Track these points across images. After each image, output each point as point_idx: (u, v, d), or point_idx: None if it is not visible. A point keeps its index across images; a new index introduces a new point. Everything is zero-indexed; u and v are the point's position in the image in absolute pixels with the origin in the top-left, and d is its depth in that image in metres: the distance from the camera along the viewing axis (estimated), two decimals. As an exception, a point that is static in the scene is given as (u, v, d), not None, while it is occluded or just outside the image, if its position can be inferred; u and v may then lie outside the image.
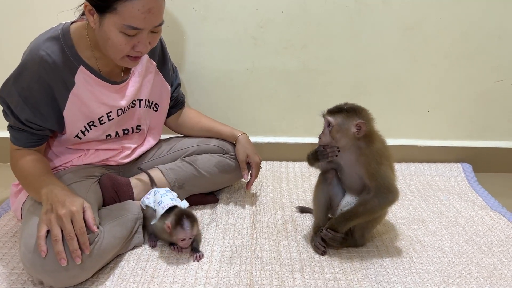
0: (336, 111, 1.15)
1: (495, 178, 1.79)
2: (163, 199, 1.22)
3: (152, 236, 1.26)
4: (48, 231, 1.01)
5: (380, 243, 1.29)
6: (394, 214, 1.46)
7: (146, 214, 1.27)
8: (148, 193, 1.28)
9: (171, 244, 1.23)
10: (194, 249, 1.21)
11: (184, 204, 1.24)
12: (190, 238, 1.18)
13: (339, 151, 1.17)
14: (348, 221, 1.18)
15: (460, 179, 1.73)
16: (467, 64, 1.71)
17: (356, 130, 1.13)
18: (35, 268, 1.01)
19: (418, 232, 1.35)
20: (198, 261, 1.18)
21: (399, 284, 1.11)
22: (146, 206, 1.26)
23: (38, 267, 1.00)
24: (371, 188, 1.15)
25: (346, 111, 1.14)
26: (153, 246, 1.24)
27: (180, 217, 1.15)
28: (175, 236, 1.16)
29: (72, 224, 1.01)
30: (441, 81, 1.74)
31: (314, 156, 1.22)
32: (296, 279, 1.12)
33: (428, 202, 1.55)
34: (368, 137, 1.15)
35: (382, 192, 1.14)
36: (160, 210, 1.19)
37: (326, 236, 1.20)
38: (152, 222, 1.23)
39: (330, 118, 1.15)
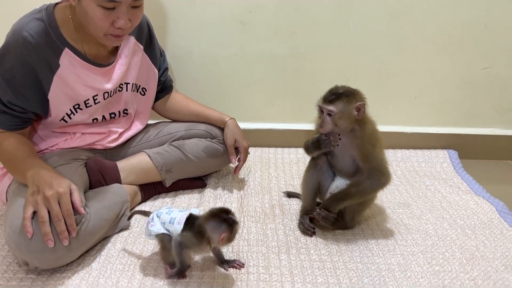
0: (334, 98, 1.13)
1: (480, 164, 1.81)
2: (172, 215, 1.03)
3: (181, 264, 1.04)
4: (34, 213, 1.01)
5: (366, 226, 1.31)
6: (380, 198, 1.47)
7: (165, 244, 1.04)
8: (150, 220, 1.06)
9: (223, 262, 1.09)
10: (224, 262, 1.09)
11: (195, 211, 1.07)
12: None
13: (340, 139, 1.18)
14: (340, 201, 1.19)
15: (446, 165, 1.75)
16: (453, 51, 1.72)
17: (356, 113, 1.14)
18: (20, 249, 1.00)
19: (403, 216, 1.37)
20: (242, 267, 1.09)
21: (383, 265, 1.13)
22: (157, 235, 1.04)
23: (23, 248, 1.00)
24: (364, 170, 1.17)
25: (346, 96, 1.13)
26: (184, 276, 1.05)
27: (227, 219, 0.98)
28: (232, 239, 1.00)
29: (59, 205, 1.01)
30: (428, 68, 1.75)
31: (316, 145, 1.20)
32: (282, 260, 1.13)
33: (414, 187, 1.57)
34: (361, 119, 1.16)
35: (375, 174, 1.16)
36: (178, 227, 1.01)
37: (319, 216, 1.21)
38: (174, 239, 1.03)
39: (331, 107, 1.13)
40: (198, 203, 1.41)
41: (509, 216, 1.38)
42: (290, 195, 1.48)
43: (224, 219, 0.98)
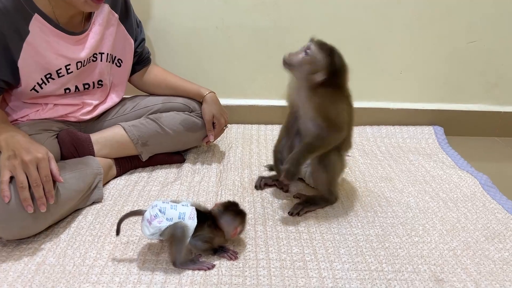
0: (317, 43, 1.10)
1: (467, 141, 1.78)
2: (180, 210, 0.96)
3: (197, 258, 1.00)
4: (12, 177, 0.97)
5: (346, 199, 1.28)
6: (362, 173, 1.45)
7: (176, 235, 0.94)
8: (151, 218, 0.94)
9: (215, 250, 1.02)
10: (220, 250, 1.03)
11: (190, 203, 1.01)
12: None
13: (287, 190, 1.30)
14: (302, 157, 1.12)
15: (431, 141, 1.72)
16: (439, 24, 1.68)
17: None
18: (-17, 218, 0.96)
19: (385, 189, 1.34)
20: (235, 258, 1.01)
21: (361, 236, 1.10)
22: (167, 228, 0.94)
23: (-15, 217, 0.96)
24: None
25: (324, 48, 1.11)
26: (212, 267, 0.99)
27: (238, 212, 1.01)
28: (240, 231, 1.02)
29: (37, 171, 0.97)
30: (413, 42, 1.71)
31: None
32: (258, 231, 1.11)
33: (397, 162, 1.54)
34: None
35: (330, 126, 1.10)
36: (192, 223, 0.95)
37: (284, 182, 1.16)
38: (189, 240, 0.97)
39: (312, 45, 1.10)
40: (176, 177, 1.38)
41: (492, 189, 1.35)
42: (272, 168, 1.45)
43: (238, 212, 1.01)
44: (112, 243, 1.04)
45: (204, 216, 0.99)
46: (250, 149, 1.62)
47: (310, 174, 1.28)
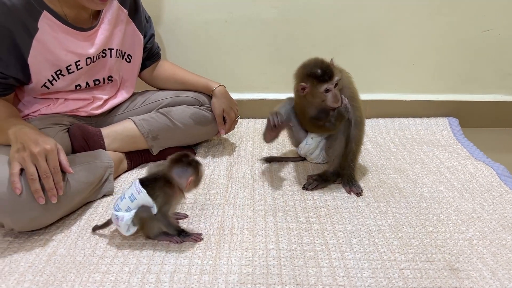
0: (331, 71, 1.15)
1: (483, 132, 1.74)
2: (127, 195, 0.98)
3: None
4: (21, 170, 0.98)
5: (358, 190, 1.26)
6: (375, 164, 1.42)
7: (147, 218, 0.98)
8: (115, 219, 0.99)
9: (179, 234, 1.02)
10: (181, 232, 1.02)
11: (135, 182, 1.00)
12: None
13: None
14: (353, 162, 1.27)
15: (445, 133, 1.68)
16: (451, 13, 1.64)
17: None
18: (-7, 209, 0.97)
19: (398, 180, 1.32)
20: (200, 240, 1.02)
21: (373, 227, 1.08)
22: (135, 216, 0.98)
23: (-5, 208, 0.97)
24: (352, 119, 1.24)
25: (330, 63, 1.17)
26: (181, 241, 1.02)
27: (191, 162, 0.98)
28: (199, 181, 1.00)
29: (46, 162, 0.98)
30: (425, 31, 1.68)
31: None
32: (268, 222, 1.10)
33: (411, 153, 1.51)
34: None
35: (357, 116, 1.24)
36: (143, 195, 0.96)
37: (359, 189, 1.25)
38: (156, 211, 0.98)
39: (336, 78, 1.15)
40: (186, 170, 1.38)
41: (510, 179, 1.32)
42: (268, 160, 1.46)
43: (189, 163, 0.98)
44: (122, 235, 1.04)
45: (155, 180, 0.98)
46: (261, 143, 1.61)
47: (318, 153, 1.37)
